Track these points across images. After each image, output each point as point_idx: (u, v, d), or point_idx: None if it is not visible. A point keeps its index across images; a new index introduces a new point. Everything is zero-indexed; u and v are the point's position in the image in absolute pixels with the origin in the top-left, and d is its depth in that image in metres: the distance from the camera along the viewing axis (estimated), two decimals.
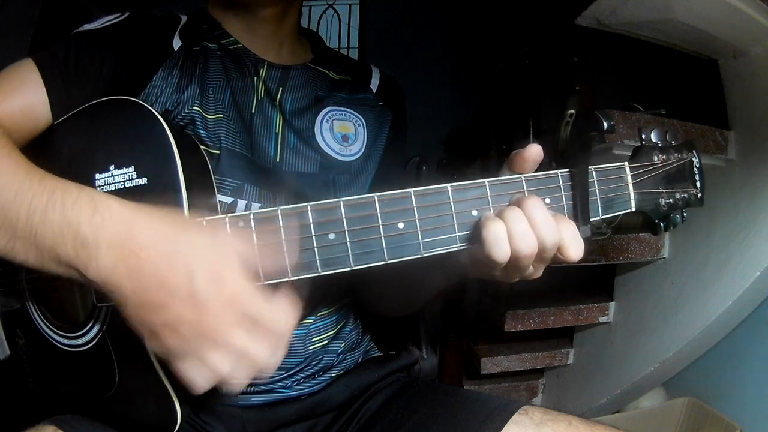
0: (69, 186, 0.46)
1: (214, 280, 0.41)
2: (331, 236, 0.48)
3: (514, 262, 0.48)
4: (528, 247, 0.47)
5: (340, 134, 0.76)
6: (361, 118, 0.79)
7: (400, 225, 0.48)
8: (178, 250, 0.42)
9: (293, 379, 0.71)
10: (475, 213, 0.50)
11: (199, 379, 0.44)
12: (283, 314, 0.44)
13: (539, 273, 0.52)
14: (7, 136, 0.56)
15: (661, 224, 0.58)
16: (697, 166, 0.59)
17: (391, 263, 0.49)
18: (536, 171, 0.53)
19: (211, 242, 0.43)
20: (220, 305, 0.41)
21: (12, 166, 0.49)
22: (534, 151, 0.52)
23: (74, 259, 0.44)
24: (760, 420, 1.22)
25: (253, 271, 0.45)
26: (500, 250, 0.47)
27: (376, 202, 0.48)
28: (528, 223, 0.47)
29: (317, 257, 0.48)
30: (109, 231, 0.43)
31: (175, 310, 0.42)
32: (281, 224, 0.48)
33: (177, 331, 0.42)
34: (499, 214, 0.48)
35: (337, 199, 0.48)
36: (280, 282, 0.48)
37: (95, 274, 0.43)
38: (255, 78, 0.73)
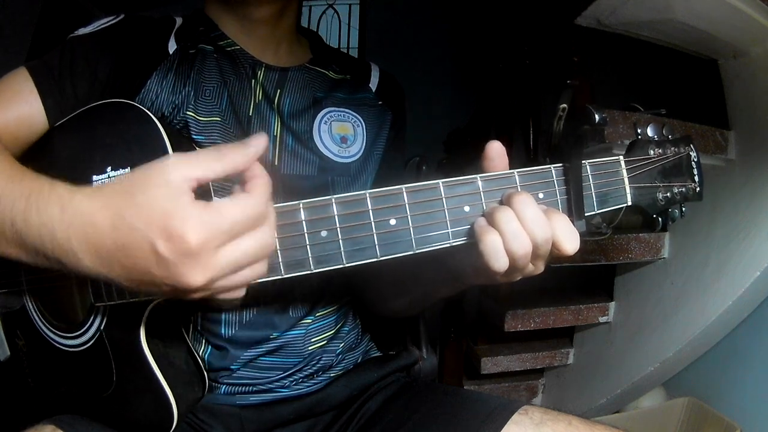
0: (42, 186, 0.46)
1: (173, 239, 0.40)
2: (324, 233, 0.48)
3: (512, 263, 0.48)
4: (522, 246, 0.47)
5: (339, 135, 0.76)
6: (360, 118, 0.79)
7: (392, 222, 0.48)
8: (132, 224, 0.41)
9: (292, 379, 0.71)
10: (467, 209, 0.49)
11: (235, 296, 0.45)
12: (248, 199, 0.43)
13: (540, 269, 0.51)
14: None
15: (659, 219, 0.58)
16: (695, 160, 0.58)
17: (383, 260, 0.49)
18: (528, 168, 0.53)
19: (159, 194, 0.41)
20: (192, 258, 0.41)
21: None
22: (494, 148, 0.51)
23: (59, 259, 0.45)
24: (760, 420, 1.22)
25: (217, 168, 0.43)
26: (499, 262, 0.47)
27: (368, 199, 0.48)
28: (519, 222, 0.47)
29: (309, 255, 0.48)
30: (78, 228, 0.43)
31: (162, 279, 0.42)
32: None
33: (180, 290, 0.43)
34: (490, 216, 0.48)
35: (329, 197, 0.48)
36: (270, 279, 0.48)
37: (85, 271, 0.44)
38: (252, 80, 0.73)
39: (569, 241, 0.48)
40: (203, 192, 0.43)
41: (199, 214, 0.41)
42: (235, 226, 0.42)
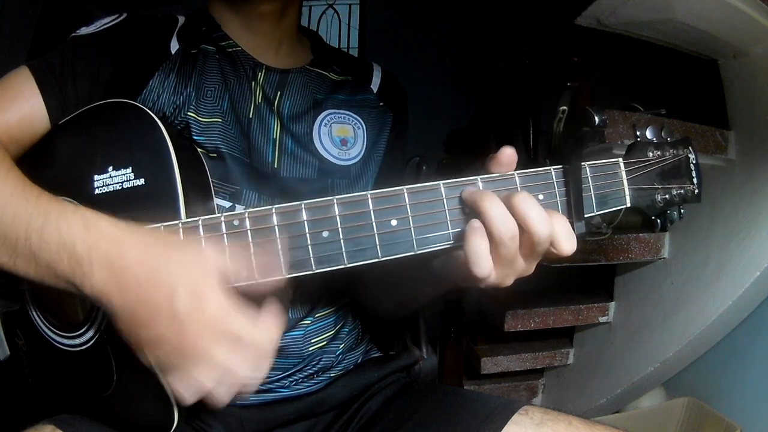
0: (64, 207, 0.49)
1: (195, 299, 0.43)
2: (325, 234, 0.48)
3: (500, 250, 0.47)
4: (509, 230, 0.46)
5: (339, 138, 0.76)
6: (360, 120, 0.79)
7: (393, 222, 0.49)
8: (161, 269, 0.44)
9: (291, 379, 0.71)
10: (468, 210, 0.49)
11: (186, 392, 0.45)
12: (265, 331, 0.45)
13: (532, 268, 0.51)
14: (3, 150, 0.57)
15: (658, 221, 0.58)
16: (694, 162, 0.58)
17: (384, 260, 0.49)
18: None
19: (195, 261, 0.44)
20: (200, 324, 0.43)
21: (10, 186, 0.51)
22: (507, 154, 0.51)
23: (71, 276, 0.46)
24: (760, 420, 1.22)
25: (243, 276, 0.47)
26: (481, 268, 0.47)
27: (369, 200, 0.48)
28: (505, 207, 0.47)
29: (311, 255, 0.48)
30: (101, 251, 0.45)
31: (158, 328, 0.43)
32: (275, 222, 0.48)
33: (161, 347, 0.44)
34: (474, 202, 0.48)
35: (330, 198, 0.48)
36: (273, 280, 0.48)
37: (90, 290, 0.45)
38: (253, 83, 0.73)
39: (567, 241, 0.48)
40: (205, 196, 0.45)
41: (224, 298, 0.44)
42: (244, 341, 0.44)
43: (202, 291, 0.43)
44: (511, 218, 0.47)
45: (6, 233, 0.48)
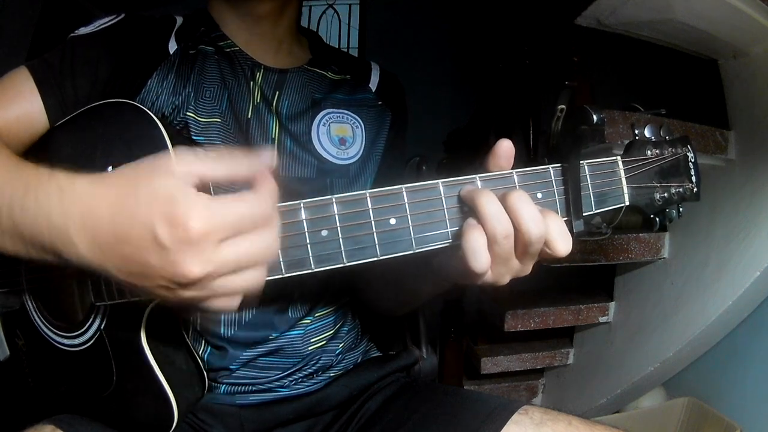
0: (41, 175, 0.46)
1: (174, 223, 0.39)
2: (324, 233, 0.48)
3: (494, 249, 0.47)
4: (504, 229, 0.46)
5: (338, 137, 0.76)
6: (359, 119, 0.79)
7: (392, 221, 0.49)
8: (133, 213, 0.40)
9: (291, 379, 0.71)
10: (467, 209, 0.49)
11: (226, 304, 0.43)
12: (254, 199, 0.42)
13: (528, 269, 0.51)
14: None
15: (657, 219, 0.58)
16: (692, 160, 0.58)
17: (383, 259, 0.49)
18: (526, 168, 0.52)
19: (164, 184, 0.40)
20: (193, 247, 0.39)
21: None
22: (505, 147, 0.51)
23: (53, 246, 0.44)
24: (760, 420, 1.22)
25: (220, 168, 0.43)
26: (479, 262, 0.46)
27: (368, 198, 0.48)
28: (500, 205, 0.46)
29: (310, 254, 0.48)
30: (76, 216, 0.42)
31: (158, 271, 0.40)
32: None
33: (172, 288, 0.41)
34: (471, 200, 0.47)
35: (329, 197, 0.48)
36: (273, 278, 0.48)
37: (79, 260, 0.43)
38: (251, 83, 0.73)
39: (562, 241, 0.48)
40: (203, 191, 0.42)
41: (204, 204, 0.40)
42: (240, 221, 0.41)
43: (178, 211, 0.39)
44: (506, 216, 0.46)
45: None
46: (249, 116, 0.72)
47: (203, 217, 0.39)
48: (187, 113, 0.68)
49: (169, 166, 0.41)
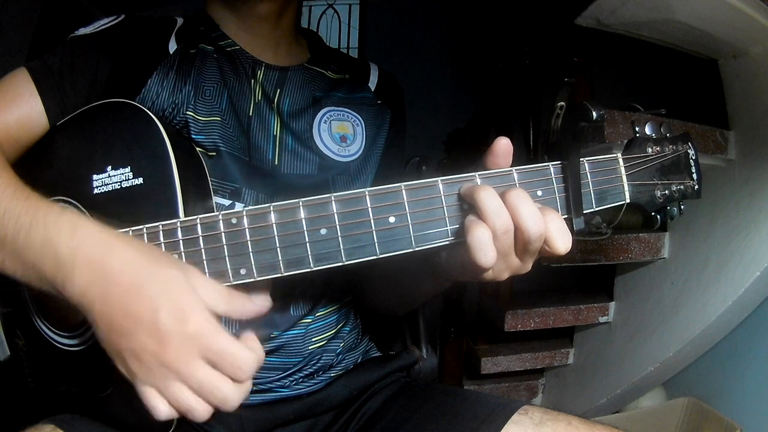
0: (52, 207, 0.48)
1: (178, 315, 0.42)
2: (323, 231, 0.48)
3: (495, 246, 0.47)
4: (503, 224, 0.46)
5: (339, 135, 0.76)
6: (359, 117, 0.79)
7: (391, 219, 0.48)
8: (146, 281, 0.43)
9: (292, 379, 0.71)
10: (466, 207, 0.49)
11: (161, 407, 0.45)
12: (247, 352, 0.44)
13: (528, 267, 0.51)
14: None
15: (658, 217, 0.57)
16: (693, 158, 0.58)
17: (383, 257, 0.49)
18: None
19: (181, 280, 0.44)
20: (182, 340, 0.42)
21: (1, 185, 0.51)
22: (503, 144, 0.51)
23: (53, 278, 0.45)
24: (760, 420, 1.22)
25: (225, 301, 0.47)
26: (486, 256, 0.46)
27: (367, 197, 0.48)
28: (501, 200, 0.46)
29: (309, 252, 0.48)
30: (86, 254, 0.44)
31: (139, 339, 0.43)
32: (273, 221, 0.48)
33: (140, 359, 0.44)
34: (471, 196, 0.47)
35: (328, 195, 0.48)
36: (272, 276, 0.49)
37: (71, 293, 0.45)
38: (252, 80, 0.73)
39: (561, 239, 0.47)
40: (204, 194, 0.44)
41: (208, 317, 0.43)
42: (225, 358, 0.44)
43: (185, 309, 0.43)
44: (506, 212, 0.46)
45: None
46: (250, 114, 0.72)
47: (204, 325, 0.43)
48: (187, 112, 0.68)
49: (186, 271, 0.45)
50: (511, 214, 0.46)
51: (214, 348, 0.43)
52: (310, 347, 0.72)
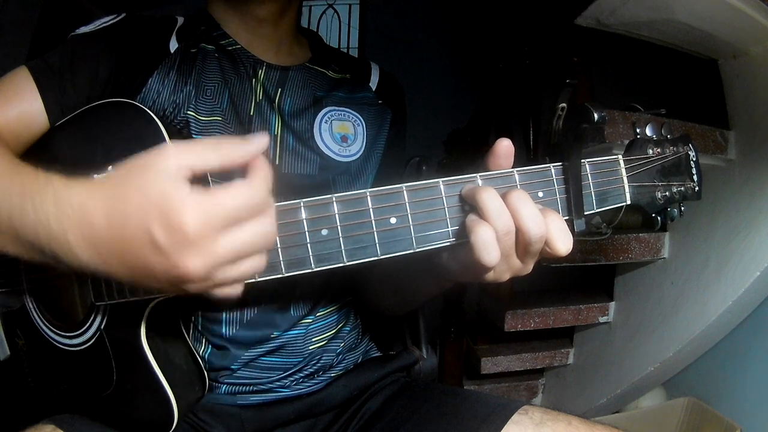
0: (38, 180, 0.46)
1: (170, 227, 0.39)
2: (324, 232, 0.48)
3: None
4: (504, 225, 0.46)
5: (339, 134, 0.76)
6: (360, 117, 0.79)
7: (393, 220, 0.49)
8: (127, 218, 0.40)
9: (292, 379, 0.71)
10: (467, 208, 0.49)
11: (231, 291, 0.44)
12: (248, 188, 0.41)
13: (529, 268, 0.51)
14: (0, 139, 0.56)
15: (659, 218, 0.58)
16: (694, 159, 0.58)
17: (384, 258, 0.49)
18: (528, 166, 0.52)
19: (155, 184, 0.40)
20: (191, 246, 0.39)
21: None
22: (504, 146, 0.51)
23: (56, 254, 0.44)
24: (760, 420, 1.22)
25: (213, 157, 0.42)
26: (490, 255, 0.46)
27: (369, 197, 0.48)
28: (502, 201, 0.46)
29: (310, 253, 0.48)
30: (73, 224, 0.42)
31: (160, 271, 0.41)
32: None
33: (177, 284, 0.42)
34: (472, 197, 0.47)
35: (329, 195, 0.48)
36: (272, 278, 0.48)
37: (79, 264, 0.43)
38: (253, 80, 0.73)
39: (562, 240, 0.47)
40: (201, 183, 0.42)
41: (197, 200, 0.39)
42: (235, 212, 0.40)
43: (173, 214, 0.39)
44: (507, 213, 0.46)
45: None
46: (251, 113, 0.72)
47: (198, 214, 0.39)
48: (188, 112, 0.68)
49: (159, 162, 0.40)
50: (512, 215, 0.46)
51: (222, 219, 0.40)
52: (310, 347, 0.72)
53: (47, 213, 0.43)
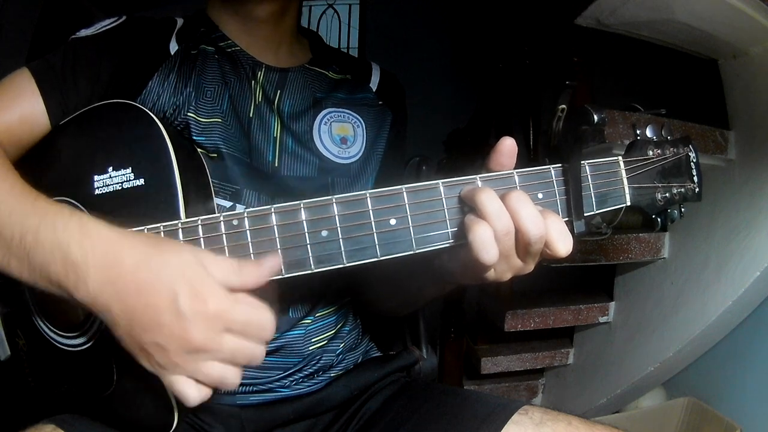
0: (62, 209, 0.48)
1: (197, 297, 0.43)
2: (324, 233, 0.48)
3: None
4: (504, 226, 0.46)
5: (339, 136, 0.76)
6: (360, 119, 0.79)
7: (392, 221, 0.49)
8: (160, 272, 0.44)
9: (292, 379, 0.71)
10: (467, 209, 0.49)
11: (192, 393, 0.45)
12: (267, 312, 0.46)
13: (530, 267, 0.51)
14: (2, 152, 0.57)
15: (659, 219, 0.58)
16: (694, 160, 0.58)
17: (384, 259, 0.49)
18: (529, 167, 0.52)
19: (193, 261, 0.44)
20: (205, 320, 0.43)
21: (8, 186, 0.51)
22: (507, 144, 0.51)
23: (64, 280, 0.45)
24: (760, 420, 1.22)
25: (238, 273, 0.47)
26: (489, 254, 0.46)
27: (368, 199, 0.48)
28: (501, 202, 0.47)
29: (310, 254, 0.48)
30: (98, 254, 0.44)
31: (162, 330, 0.43)
32: (274, 222, 0.48)
33: (166, 350, 0.44)
34: (472, 198, 0.48)
35: (329, 197, 0.48)
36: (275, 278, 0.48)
37: (84, 295, 0.45)
38: (252, 82, 0.73)
39: (562, 241, 0.47)
40: (205, 196, 0.45)
41: (224, 292, 0.44)
42: (249, 325, 0.45)
43: (202, 288, 0.43)
44: (506, 214, 0.46)
45: (1, 231, 0.48)
46: (251, 115, 0.72)
47: (222, 301, 0.44)
48: (188, 114, 0.68)
49: (194, 252, 0.46)
50: (511, 216, 0.47)
51: (238, 320, 0.44)
52: (310, 348, 0.72)
53: (70, 237, 0.45)
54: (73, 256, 0.45)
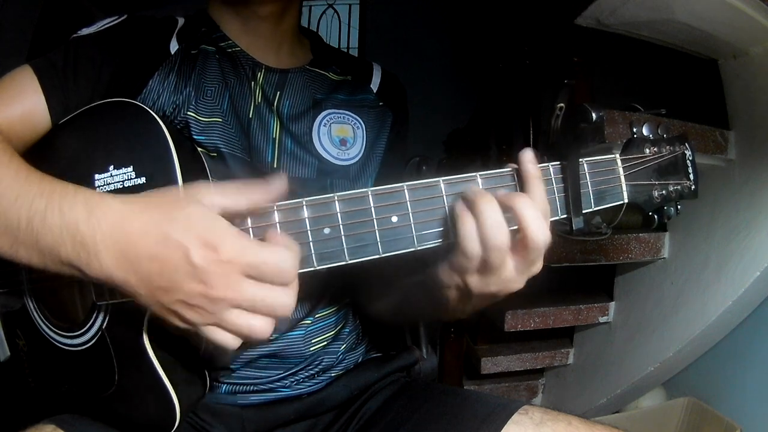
0: (66, 187, 0.48)
1: (209, 247, 0.42)
2: (327, 231, 0.48)
3: (487, 255, 0.47)
4: (497, 240, 0.46)
5: (338, 138, 0.76)
6: (359, 120, 0.79)
7: (394, 219, 0.49)
8: (168, 233, 0.43)
9: (293, 379, 0.71)
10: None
11: (228, 339, 0.45)
12: (284, 252, 0.44)
13: (521, 282, 0.51)
14: (6, 141, 0.57)
15: (656, 216, 0.58)
16: (690, 158, 0.59)
17: (385, 256, 0.49)
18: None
19: (198, 211, 0.44)
20: (221, 268, 0.43)
21: (13, 171, 0.50)
22: (527, 156, 0.50)
23: (75, 259, 0.45)
24: (760, 420, 1.22)
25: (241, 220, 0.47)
26: (473, 243, 0.47)
27: (370, 196, 0.49)
28: (501, 215, 0.47)
29: (313, 252, 0.48)
30: (106, 228, 0.44)
31: (183, 287, 0.43)
32: (277, 220, 0.48)
33: (191, 305, 0.44)
34: (472, 203, 0.48)
35: (331, 194, 0.49)
36: None
37: (98, 272, 0.45)
38: (252, 82, 0.73)
39: (536, 224, 0.46)
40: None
41: (236, 235, 0.43)
42: (266, 267, 0.44)
43: (213, 237, 0.43)
44: (504, 227, 0.46)
45: (7, 216, 0.47)
46: (250, 116, 0.72)
47: (235, 245, 0.43)
48: (188, 113, 0.68)
49: (197, 197, 0.45)
50: (515, 217, 0.47)
51: (253, 262, 0.43)
52: (310, 349, 0.73)
53: (76, 217, 0.45)
54: (81, 233, 0.44)
